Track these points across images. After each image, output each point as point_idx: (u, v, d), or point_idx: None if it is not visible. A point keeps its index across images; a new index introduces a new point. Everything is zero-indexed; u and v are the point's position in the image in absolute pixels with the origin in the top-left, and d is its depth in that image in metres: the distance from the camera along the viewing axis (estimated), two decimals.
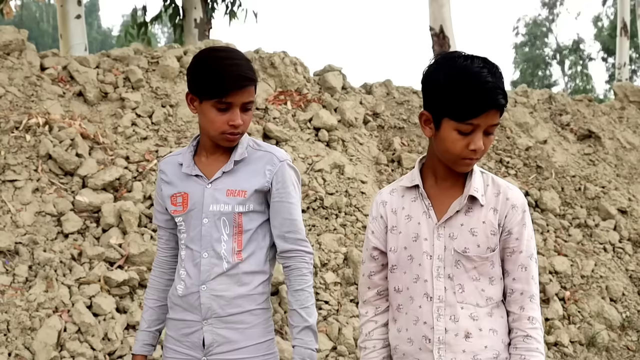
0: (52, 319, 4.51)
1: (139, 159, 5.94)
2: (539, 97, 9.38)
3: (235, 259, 2.65)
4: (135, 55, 7.02)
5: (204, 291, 2.65)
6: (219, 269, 2.65)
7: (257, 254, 2.69)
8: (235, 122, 2.61)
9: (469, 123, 2.20)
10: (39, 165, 5.50)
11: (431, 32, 11.62)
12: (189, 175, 2.74)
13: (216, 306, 2.64)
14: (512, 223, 2.31)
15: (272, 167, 2.68)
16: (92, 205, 5.38)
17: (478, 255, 2.31)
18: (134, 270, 5.01)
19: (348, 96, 7.77)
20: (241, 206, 2.65)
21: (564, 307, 6.69)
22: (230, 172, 2.69)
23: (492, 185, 2.35)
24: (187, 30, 12.22)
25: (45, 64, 6.56)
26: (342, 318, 5.50)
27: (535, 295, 2.32)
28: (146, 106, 6.50)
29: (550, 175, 8.04)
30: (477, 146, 2.22)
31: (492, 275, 2.33)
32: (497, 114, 2.22)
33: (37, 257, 4.88)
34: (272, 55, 7.62)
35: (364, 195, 6.61)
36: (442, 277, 2.34)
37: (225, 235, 2.66)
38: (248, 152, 2.71)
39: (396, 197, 2.48)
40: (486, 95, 2.18)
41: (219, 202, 2.66)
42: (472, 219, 2.33)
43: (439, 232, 2.35)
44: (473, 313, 2.32)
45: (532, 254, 2.32)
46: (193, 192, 2.72)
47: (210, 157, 2.76)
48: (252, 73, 2.63)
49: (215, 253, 2.66)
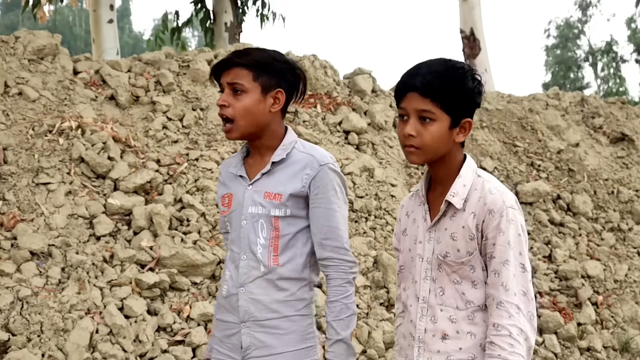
0: (84, 321, 4.54)
1: (169, 162, 5.98)
2: (571, 100, 9.29)
3: (272, 264, 2.62)
4: (166, 59, 7.07)
5: (242, 294, 2.65)
6: (257, 272, 2.64)
7: (295, 260, 2.65)
8: (218, 102, 2.65)
9: (399, 107, 2.37)
10: (71, 169, 5.55)
11: (461, 34, 11.56)
12: (236, 176, 2.75)
13: (254, 309, 2.63)
14: (489, 228, 2.32)
15: (310, 171, 2.63)
16: (123, 208, 5.42)
17: (454, 260, 2.36)
18: (164, 272, 5.04)
19: (378, 99, 7.75)
20: (278, 210, 2.62)
21: (597, 311, 6.61)
22: (269, 174, 2.67)
23: (479, 189, 2.37)
24: (217, 34, 12.27)
25: (78, 68, 6.63)
26: (371, 321, 5.48)
27: (505, 302, 2.26)
28: (177, 109, 6.54)
29: (582, 178, 7.95)
30: (404, 131, 2.34)
31: (474, 279, 2.36)
32: (418, 97, 2.31)
33: (69, 259, 4.93)
34: (302, 58, 7.63)
35: (393, 199, 6.59)
36: (428, 280, 2.42)
37: (262, 239, 2.63)
38: (291, 154, 2.67)
39: (412, 201, 2.59)
40: (403, 79, 2.37)
41: (256, 205, 2.64)
42: (454, 223, 2.38)
43: (430, 236, 2.44)
44: (452, 315, 2.37)
45: (506, 260, 2.28)
46: (237, 193, 2.72)
47: (256, 158, 2.74)
48: (244, 57, 2.64)
49: (253, 256, 2.64)
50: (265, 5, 13.29)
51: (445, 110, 2.32)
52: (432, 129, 2.32)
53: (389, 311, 5.67)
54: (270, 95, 2.66)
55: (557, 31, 39.65)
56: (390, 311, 5.67)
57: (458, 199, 2.37)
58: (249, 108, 2.63)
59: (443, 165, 2.42)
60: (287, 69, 2.71)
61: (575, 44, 39.42)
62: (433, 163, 2.43)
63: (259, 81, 2.63)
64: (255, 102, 2.63)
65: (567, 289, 6.66)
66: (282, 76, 2.68)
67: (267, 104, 2.65)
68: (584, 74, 39.59)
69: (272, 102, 2.66)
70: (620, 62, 37.88)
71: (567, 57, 39.18)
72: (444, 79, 2.30)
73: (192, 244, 5.28)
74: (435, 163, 2.42)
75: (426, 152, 2.35)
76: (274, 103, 2.67)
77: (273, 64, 2.67)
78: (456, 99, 2.32)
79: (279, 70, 2.68)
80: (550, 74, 39.46)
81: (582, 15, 38.85)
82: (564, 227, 7.37)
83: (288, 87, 2.70)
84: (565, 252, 6.97)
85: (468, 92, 2.34)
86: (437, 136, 2.33)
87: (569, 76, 38.89)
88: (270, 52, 2.73)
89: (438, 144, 2.34)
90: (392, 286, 5.76)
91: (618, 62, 37.89)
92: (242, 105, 2.62)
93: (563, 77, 38.39)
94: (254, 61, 2.64)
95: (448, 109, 2.32)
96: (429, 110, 2.31)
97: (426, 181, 2.52)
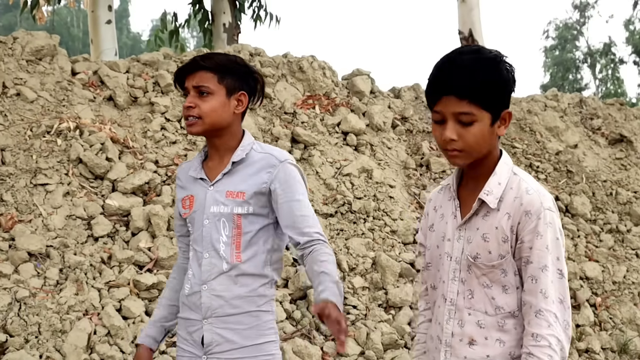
0: (82, 322, 4.55)
1: (168, 163, 5.98)
2: (570, 101, 9.29)
3: (235, 260, 2.71)
4: (165, 59, 7.07)
5: (205, 291, 2.73)
6: (219, 269, 2.72)
7: (257, 257, 2.74)
8: (184, 104, 2.74)
9: (434, 111, 2.24)
10: (69, 169, 5.56)
11: (460, 35, 11.56)
12: (196, 179, 2.84)
13: (216, 305, 2.71)
14: (525, 231, 2.22)
15: (271, 169, 2.74)
16: (121, 209, 5.42)
17: (484, 263, 2.26)
18: (162, 273, 5.04)
19: (376, 100, 7.76)
20: (240, 208, 2.72)
21: (595, 313, 6.61)
22: (230, 174, 2.77)
23: (515, 189, 2.27)
24: (216, 34, 12.27)
25: (76, 69, 6.64)
26: (370, 323, 5.49)
27: (545, 310, 2.18)
28: (175, 110, 6.54)
29: (581, 180, 7.96)
30: (444, 136, 2.21)
31: (506, 284, 2.26)
32: (455, 100, 2.18)
33: (67, 260, 4.93)
34: (301, 59, 7.63)
35: (392, 200, 6.59)
36: (457, 280, 2.33)
37: (224, 237, 2.72)
38: (250, 155, 2.78)
39: (441, 195, 2.48)
40: (436, 82, 2.22)
41: (218, 204, 2.74)
42: (486, 223, 2.27)
43: (460, 234, 2.33)
44: (480, 320, 2.28)
45: (544, 266, 2.20)
46: (198, 194, 2.81)
47: (215, 160, 2.84)
48: (208, 61, 2.74)
49: (215, 253, 2.73)
50: (262, 7, 13.29)
51: (485, 108, 2.19)
52: (474, 130, 2.20)
53: (387, 312, 5.67)
54: (234, 97, 2.77)
55: (556, 32, 39.70)
56: (388, 312, 5.67)
57: (492, 198, 2.26)
58: (215, 108, 2.73)
59: (481, 162, 2.30)
60: (248, 73, 2.83)
61: (574, 46, 39.47)
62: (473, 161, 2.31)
63: (223, 83, 2.74)
64: (220, 103, 2.74)
65: None
66: (245, 80, 2.80)
67: (231, 105, 2.77)
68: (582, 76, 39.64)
69: (235, 104, 2.78)
70: (618, 63, 37.93)
71: (566, 58, 39.21)
72: (478, 76, 2.17)
73: None
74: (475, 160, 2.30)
75: (471, 153, 2.24)
76: (238, 105, 2.78)
77: (236, 67, 2.79)
78: (493, 94, 2.20)
79: (241, 74, 2.79)
80: (549, 75, 39.49)
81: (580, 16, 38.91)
82: (563, 229, 7.36)
83: (249, 91, 2.82)
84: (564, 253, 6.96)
85: (504, 83, 2.22)
86: (479, 136, 2.21)
87: (568, 77, 38.92)
88: (232, 56, 2.84)
89: (482, 144, 2.23)
90: (390, 287, 5.76)
91: (616, 64, 37.95)
92: (209, 106, 2.73)
93: (562, 79, 38.42)
94: (218, 65, 2.75)
95: (487, 106, 2.20)
96: (468, 113, 2.18)
97: (458, 175, 2.41)
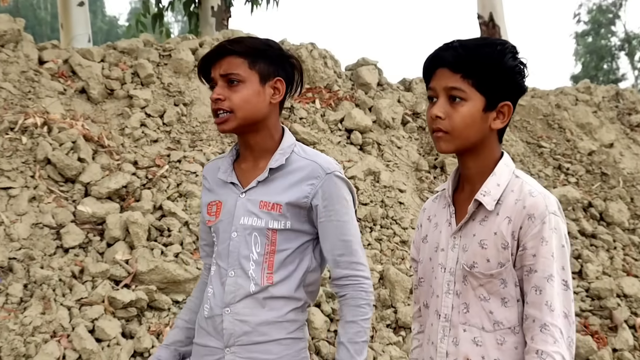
0: (49, 345, 4.54)
1: (148, 164, 5.98)
2: (604, 94, 9.30)
3: (265, 282, 2.61)
4: (145, 47, 7.07)
5: (227, 315, 2.63)
6: (245, 291, 2.62)
7: (291, 279, 2.65)
8: (212, 96, 2.62)
9: (428, 88, 2.34)
10: (36, 171, 5.55)
11: (479, 20, 11.59)
12: (225, 183, 2.73)
13: (239, 332, 2.62)
14: (528, 236, 2.23)
15: (315, 181, 2.63)
16: (95, 216, 5.42)
17: (482, 272, 2.29)
18: (142, 289, 5.04)
19: (384, 93, 7.76)
20: (276, 222, 2.61)
21: (635, 336, 6.61)
22: (266, 182, 2.66)
23: (516, 191, 2.30)
24: (203, 19, 12.29)
25: (44, 57, 6.64)
26: (377, 346, 5.48)
27: (550, 325, 2.20)
28: (157, 105, 6.54)
29: (617, 183, 7.96)
30: (432, 111, 2.29)
31: (505, 296, 2.28)
32: (448, 73, 2.27)
33: (33, 274, 4.92)
34: (299, 47, 7.63)
35: (402, 206, 6.59)
36: (451, 294, 2.35)
37: (255, 254, 2.62)
38: (290, 160, 2.67)
39: (435, 204, 2.52)
40: (432, 55, 2.34)
41: (251, 215, 2.63)
42: (484, 229, 2.30)
43: (454, 242, 2.36)
44: (477, 337, 2.30)
45: (550, 275, 2.21)
46: (227, 201, 2.70)
47: (249, 162, 2.73)
48: (237, 44, 2.63)
49: (242, 272, 2.63)
50: None
51: (478, 89, 2.25)
52: (463, 109, 2.26)
53: (397, 334, 5.67)
54: (269, 84, 2.65)
55: (589, 16, 39.74)
56: (398, 334, 5.67)
57: (489, 199, 2.29)
58: (248, 99, 2.61)
59: (475, 158, 2.35)
60: (283, 56, 2.70)
61: (609, 31, 39.50)
62: (464, 154, 2.35)
63: (255, 69, 2.62)
64: (254, 92, 2.62)
65: (600, 309, 6.66)
66: (280, 64, 2.68)
67: (266, 94, 2.64)
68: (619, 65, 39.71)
69: (272, 92, 2.66)
70: None
71: (600, 45, 39.26)
72: (477, 52, 2.25)
73: (174, 257, 5.28)
74: (467, 154, 2.35)
75: (456, 138, 2.28)
76: (274, 93, 2.66)
77: (269, 50, 2.66)
78: (491, 75, 2.25)
79: (275, 58, 2.67)
80: (581, 64, 39.55)
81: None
82: (597, 239, 7.37)
83: (286, 77, 2.70)
84: (598, 267, 6.97)
85: (506, 69, 2.26)
86: (468, 118, 2.26)
87: (602, 67, 38.97)
88: (263, 39, 2.72)
89: (469, 129, 2.27)
90: (400, 305, 5.76)
91: None
92: (241, 97, 2.61)
93: (595, 69, 38.47)
94: (249, 48, 2.63)
95: (481, 87, 2.25)
96: (459, 88, 2.25)
97: (454, 179, 2.44)
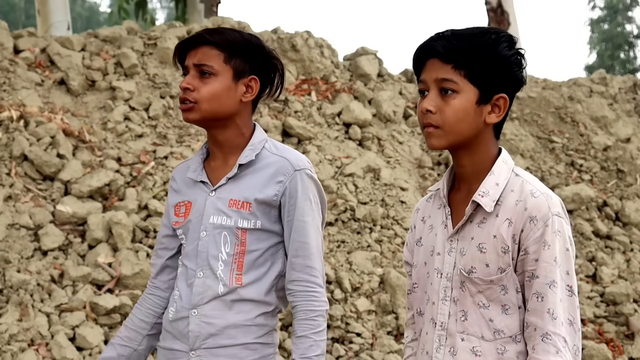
0: (26, 354, 4.55)
1: (132, 161, 5.98)
2: (621, 85, 9.31)
3: (234, 283, 2.66)
4: (129, 35, 7.07)
5: (194, 316, 2.67)
6: (213, 292, 2.66)
7: (262, 281, 2.69)
8: (181, 84, 2.69)
9: (419, 81, 2.33)
10: (12, 168, 5.56)
11: (487, 6, 11.61)
12: (195, 182, 2.77)
13: (205, 334, 2.66)
14: (529, 240, 2.23)
15: (284, 178, 2.68)
16: (76, 217, 5.42)
17: (481, 277, 2.28)
18: (126, 294, 5.04)
19: (385, 85, 7.77)
20: (246, 221, 2.66)
21: None
22: (236, 179, 2.71)
23: (517, 191, 2.29)
24: (191, 5, 12.29)
25: (19, 46, 6.64)
26: (377, 354, 5.49)
27: (552, 333, 2.20)
28: (142, 97, 6.54)
29: (634, 181, 7.97)
30: (422, 105, 2.28)
31: (506, 303, 2.28)
32: (439, 64, 2.27)
33: (9, 278, 4.93)
34: (294, 35, 7.64)
35: (403, 205, 6.60)
36: (448, 300, 2.34)
37: (224, 254, 2.67)
38: (261, 156, 2.72)
39: (430, 204, 2.51)
40: (422, 46, 2.33)
41: (220, 214, 2.68)
42: (482, 231, 2.30)
43: (451, 246, 2.36)
44: (476, 347, 2.30)
45: (552, 281, 2.21)
46: (196, 200, 2.75)
47: (218, 160, 2.78)
48: (217, 35, 2.68)
49: (211, 273, 2.67)
50: None
51: (471, 80, 2.24)
52: (455, 103, 2.25)
53: (398, 341, 5.68)
54: (243, 82, 2.71)
55: (605, 2, 39.75)
56: (399, 341, 5.68)
57: (488, 200, 2.28)
58: (216, 93, 2.68)
59: (470, 155, 2.33)
60: (263, 55, 2.76)
61: (627, 17, 39.50)
62: (458, 151, 2.33)
63: (230, 64, 2.69)
64: (224, 87, 2.69)
65: (615, 315, 6.68)
66: (258, 62, 2.74)
67: (238, 91, 2.71)
68: (636, 54, 39.70)
69: (243, 91, 2.72)
70: None
71: (617, 33, 39.25)
72: (469, 42, 2.24)
73: None
74: (461, 151, 2.33)
75: (448, 133, 2.27)
76: (246, 92, 2.72)
77: (248, 47, 2.72)
78: (484, 65, 2.24)
79: (254, 56, 2.73)
80: (596, 53, 39.53)
81: None
82: (612, 241, 7.38)
83: (263, 77, 2.76)
84: (614, 270, 6.98)
85: (501, 59, 2.25)
86: (461, 112, 2.25)
87: (619, 56, 38.96)
88: (247, 34, 2.78)
89: (462, 123, 2.26)
90: (402, 311, 5.77)
91: None
92: (209, 90, 2.67)
93: (611, 58, 38.46)
94: (227, 41, 2.69)
95: (474, 79, 2.24)
96: (450, 79, 2.25)
97: (449, 178, 2.43)
